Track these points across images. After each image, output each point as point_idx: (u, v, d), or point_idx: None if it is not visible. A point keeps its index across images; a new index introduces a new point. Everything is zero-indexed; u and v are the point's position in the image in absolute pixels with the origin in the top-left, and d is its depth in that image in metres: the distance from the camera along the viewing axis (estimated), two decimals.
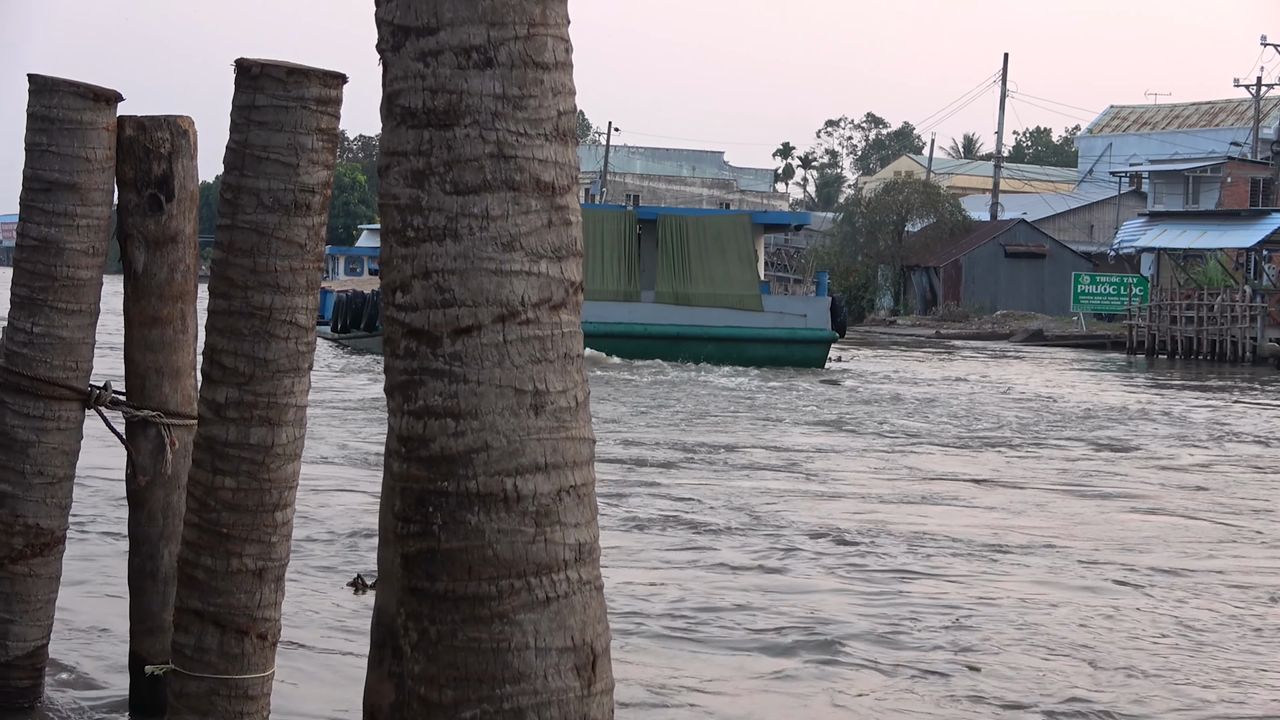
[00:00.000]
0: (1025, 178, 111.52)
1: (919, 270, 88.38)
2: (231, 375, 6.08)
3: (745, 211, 54.39)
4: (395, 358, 3.96)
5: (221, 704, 6.17)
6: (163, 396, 7.69)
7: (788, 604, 12.10)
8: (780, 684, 9.81)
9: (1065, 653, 10.91)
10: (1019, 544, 15.40)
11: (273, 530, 6.18)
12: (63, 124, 7.57)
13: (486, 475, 3.89)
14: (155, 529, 7.72)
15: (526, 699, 3.90)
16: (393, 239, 3.96)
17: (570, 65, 4.03)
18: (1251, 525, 17.56)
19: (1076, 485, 20.59)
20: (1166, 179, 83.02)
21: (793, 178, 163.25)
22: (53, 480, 7.69)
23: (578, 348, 4.01)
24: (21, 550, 7.67)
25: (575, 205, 4.03)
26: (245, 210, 6.09)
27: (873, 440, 25.57)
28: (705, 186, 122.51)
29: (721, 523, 16.07)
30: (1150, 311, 62.58)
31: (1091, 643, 11.21)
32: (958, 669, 10.28)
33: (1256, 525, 17.59)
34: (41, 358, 7.59)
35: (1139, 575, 14.02)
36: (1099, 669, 10.46)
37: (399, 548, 3.98)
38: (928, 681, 9.96)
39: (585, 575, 3.99)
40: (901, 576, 13.45)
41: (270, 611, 6.23)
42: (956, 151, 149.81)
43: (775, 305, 47.63)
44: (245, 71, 6.11)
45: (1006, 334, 73.78)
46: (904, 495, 18.89)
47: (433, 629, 3.92)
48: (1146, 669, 10.51)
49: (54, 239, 7.58)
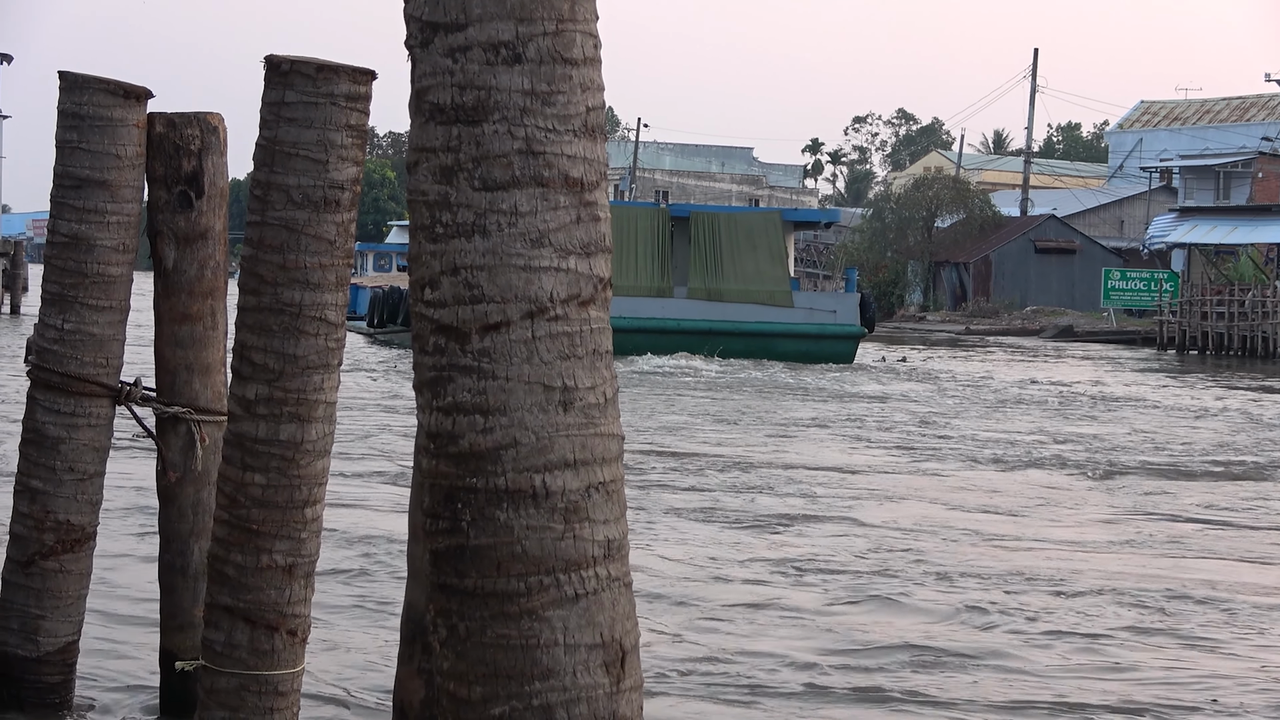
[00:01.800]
0: (1055, 173, 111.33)
1: (949, 266, 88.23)
2: (261, 371, 6.09)
3: (776, 209, 54.72)
4: (424, 354, 3.96)
5: (252, 700, 6.18)
6: (193, 393, 7.70)
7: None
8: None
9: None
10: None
11: (302, 526, 6.19)
12: (93, 121, 7.59)
13: (515, 472, 3.88)
14: (185, 525, 7.74)
15: (555, 695, 3.90)
16: (421, 235, 3.96)
17: (599, 61, 4.02)
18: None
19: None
20: (1197, 174, 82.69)
21: (822, 174, 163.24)
22: (83, 476, 7.71)
23: (606, 344, 4.00)
24: (53, 546, 7.69)
25: (604, 201, 4.02)
26: (275, 207, 6.09)
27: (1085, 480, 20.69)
28: (734, 183, 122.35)
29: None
30: (1181, 307, 62.37)
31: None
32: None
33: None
34: (72, 354, 7.61)
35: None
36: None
37: (428, 544, 3.98)
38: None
39: (614, 572, 3.99)
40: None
41: (300, 608, 6.24)
42: (986, 147, 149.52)
43: (805, 301, 48.28)
44: (275, 68, 6.11)
45: (1036, 330, 73.60)
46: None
47: (462, 625, 3.92)
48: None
49: (84, 236, 7.60)
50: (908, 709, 9.16)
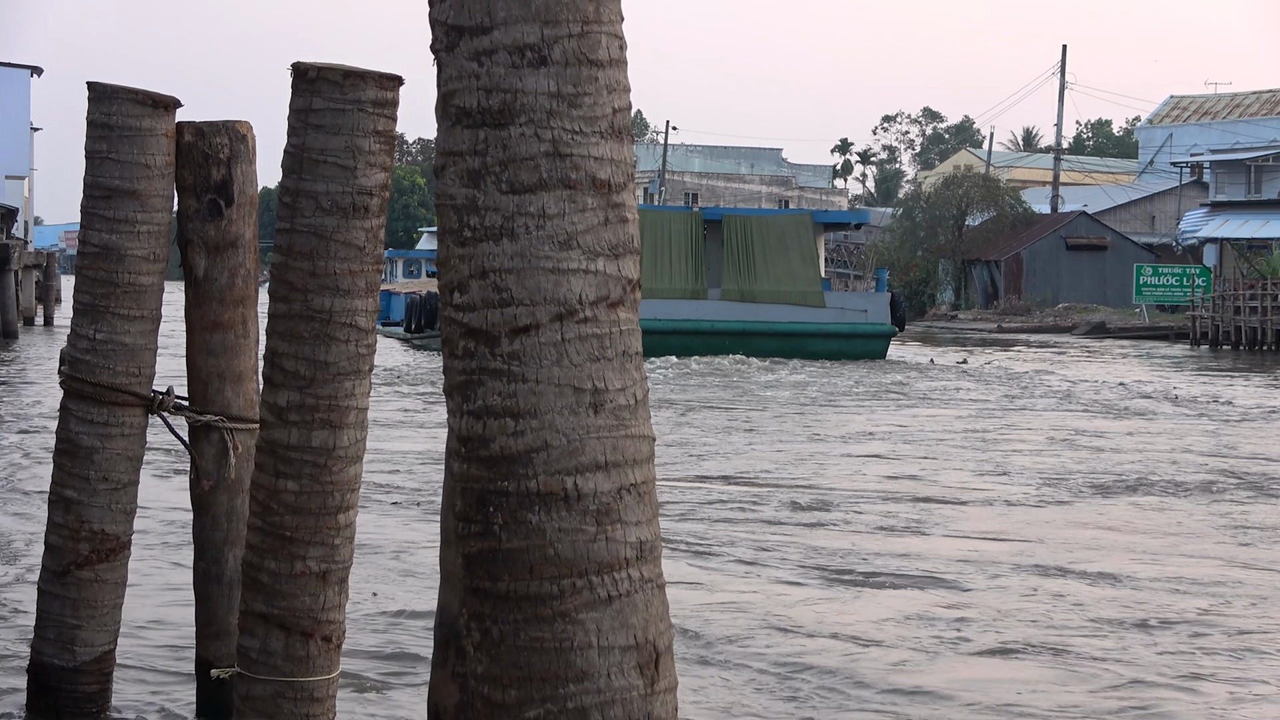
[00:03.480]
0: (1085, 170, 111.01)
1: (980, 264, 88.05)
2: (292, 379, 6.10)
3: (807, 211, 55.21)
4: (454, 358, 3.96)
5: (287, 706, 6.18)
6: (225, 401, 7.71)
7: None
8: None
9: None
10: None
11: (335, 533, 6.19)
12: (122, 131, 7.60)
13: (547, 474, 3.88)
14: (219, 533, 7.75)
15: (590, 698, 3.89)
16: (450, 239, 3.96)
17: (624, 62, 4.01)
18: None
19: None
20: (1228, 168, 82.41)
21: (851, 174, 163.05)
22: (117, 486, 7.72)
23: (636, 345, 3.99)
24: (87, 556, 7.71)
25: (631, 202, 4.01)
26: (304, 214, 6.10)
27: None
28: (764, 184, 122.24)
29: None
30: (1213, 302, 62.13)
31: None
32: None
33: None
34: (104, 364, 7.63)
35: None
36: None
37: (460, 548, 3.98)
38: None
39: (647, 573, 3.98)
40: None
41: (334, 614, 6.24)
42: (1016, 144, 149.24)
43: (836, 301, 49.26)
44: (302, 75, 6.12)
45: (1069, 327, 73.38)
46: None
47: (495, 629, 3.92)
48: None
49: (115, 245, 7.62)
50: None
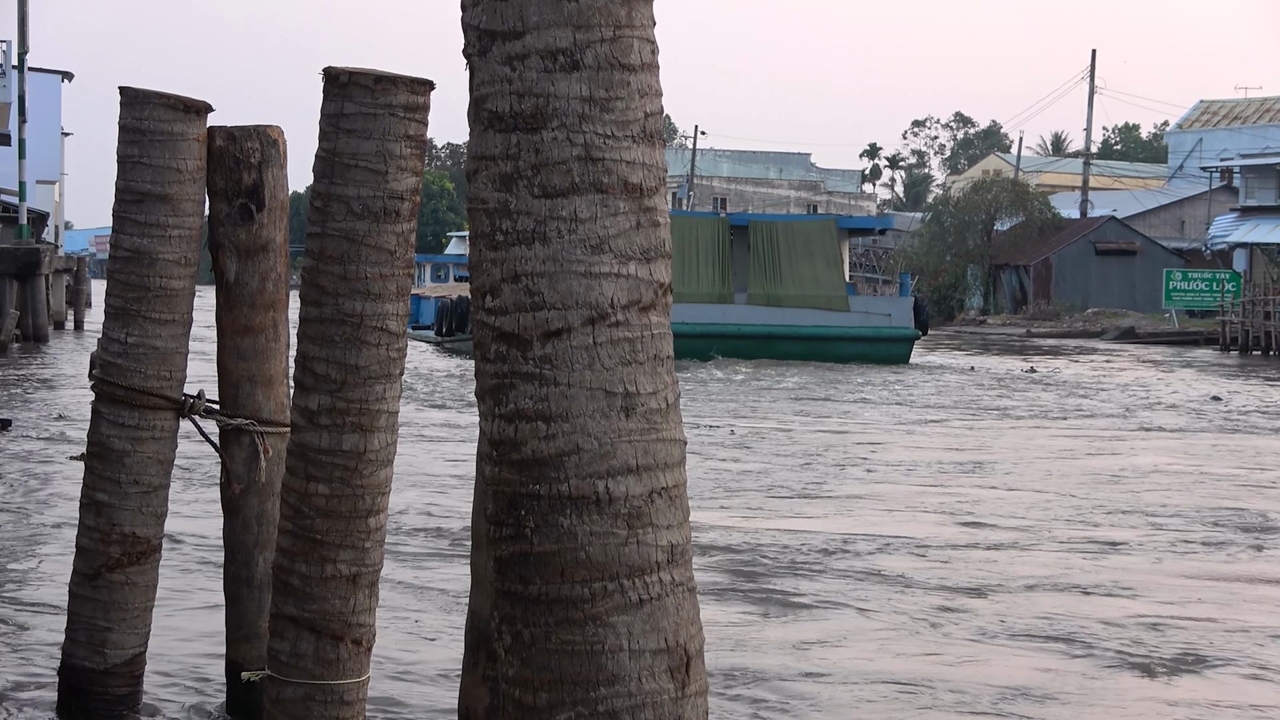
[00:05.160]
0: (1115, 174, 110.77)
1: (1008, 269, 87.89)
2: (324, 382, 6.11)
3: (832, 216, 55.56)
4: (486, 361, 3.96)
5: (318, 709, 6.20)
6: (256, 405, 7.74)
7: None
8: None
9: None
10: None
11: (366, 536, 6.21)
12: (154, 135, 7.63)
13: (578, 478, 3.88)
14: (250, 536, 7.78)
15: (621, 701, 3.89)
16: (482, 243, 3.96)
17: (656, 67, 4.02)
18: None
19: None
20: (1258, 173, 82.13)
21: (880, 178, 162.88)
22: (148, 489, 7.75)
23: (667, 349, 4.00)
24: (118, 559, 7.74)
25: (663, 206, 4.02)
26: (335, 218, 6.12)
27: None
28: (792, 188, 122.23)
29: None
30: (1243, 308, 61.93)
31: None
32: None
33: None
34: (136, 367, 7.66)
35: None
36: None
37: (492, 551, 3.98)
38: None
39: (678, 577, 3.98)
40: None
41: (365, 617, 6.26)
42: (1045, 149, 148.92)
43: (861, 305, 49.80)
44: (333, 80, 6.14)
45: (1098, 332, 73.20)
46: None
47: (526, 632, 3.92)
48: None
49: (147, 250, 7.65)
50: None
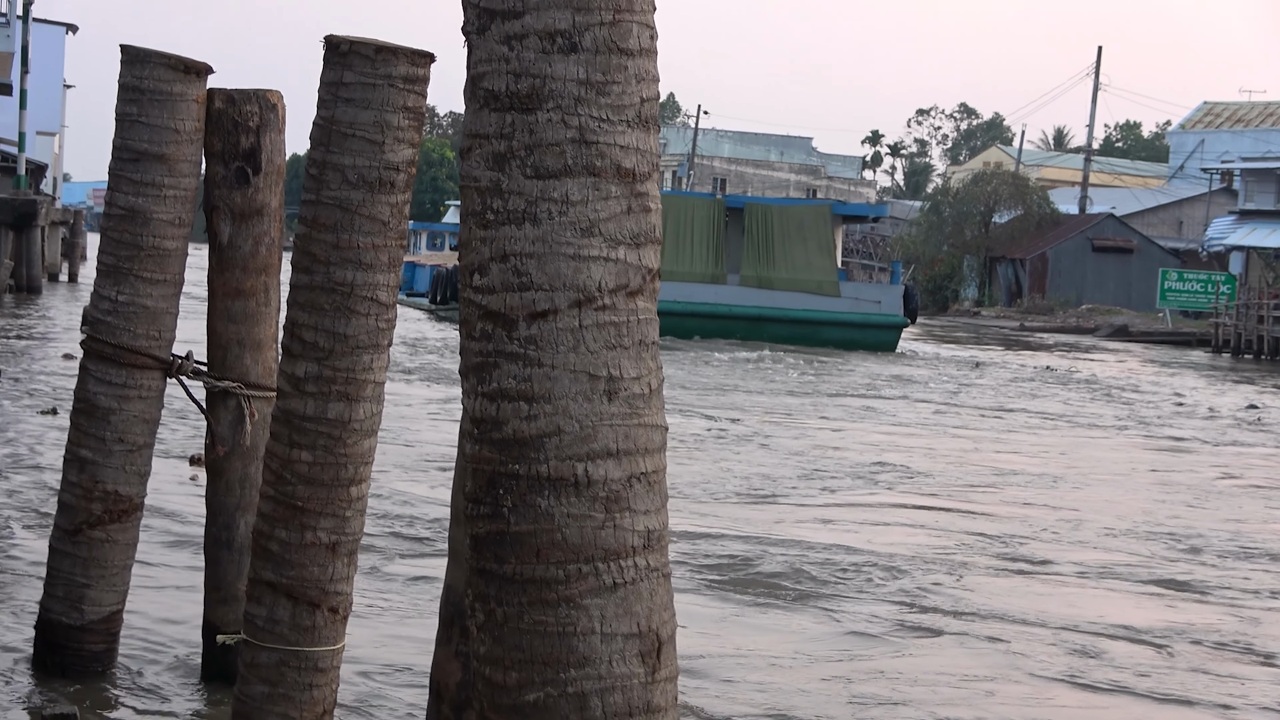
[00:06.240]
0: (1115, 172, 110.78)
1: (1005, 262, 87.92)
2: (311, 350, 6.12)
3: (827, 202, 55.90)
4: (471, 339, 3.97)
5: (291, 675, 6.21)
6: (244, 368, 7.75)
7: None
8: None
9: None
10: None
11: (347, 505, 6.22)
12: (153, 95, 7.64)
13: (558, 459, 3.89)
14: (232, 499, 7.79)
15: (590, 684, 3.90)
16: (472, 221, 3.97)
17: (654, 52, 4.02)
18: None
19: None
20: (1259, 177, 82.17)
21: (880, 166, 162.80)
22: (133, 448, 7.77)
23: (653, 334, 4.00)
24: (100, 516, 7.76)
25: (655, 192, 4.02)
26: (330, 186, 6.12)
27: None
28: (792, 172, 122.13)
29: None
30: (1237, 310, 61.98)
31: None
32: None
33: None
34: (125, 326, 7.67)
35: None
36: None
37: (468, 529, 3.99)
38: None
39: (653, 562, 3.99)
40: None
41: (342, 585, 6.27)
42: (1046, 144, 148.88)
43: (851, 291, 50.32)
44: (334, 48, 6.13)
45: (1092, 328, 73.25)
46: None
47: (499, 611, 3.93)
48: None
49: (141, 209, 7.66)
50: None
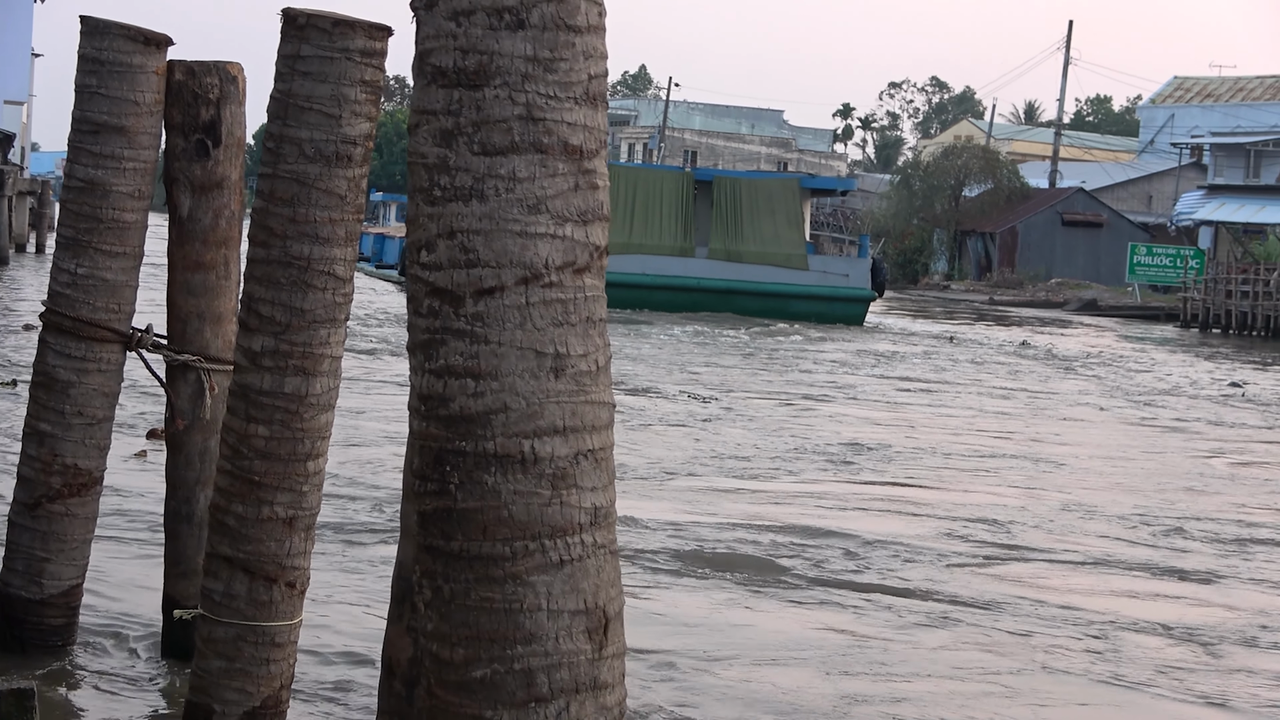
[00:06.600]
0: (1085, 146, 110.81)
1: (975, 236, 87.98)
2: (268, 324, 6.10)
3: (795, 176, 55.96)
4: (418, 316, 3.97)
5: (248, 650, 6.21)
6: (204, 341, 7.73)
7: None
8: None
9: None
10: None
11: (304, 479, 6.21)
12: (112, 67, 7.60)
13: (504, 436, 3.89)
14: (192, 473, 7.78)
15: (537, 660, 3.91)
16: (419, 197, 3.96)
17: (602, 29, 4.01)
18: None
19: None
20: (1228, 152, 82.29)
21: (851, 139, 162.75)
22: (92, 421, 7.75)
23: (600, 312, 4.01)
24: (59, 490, 7.73)
25: (603, 170, 4.02)
26: (287, 160, 6.10)
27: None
28: (763, 145, 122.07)
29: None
30: (1205, 285, 62.14)
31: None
32: None
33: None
34: (84, 299, 7.65)
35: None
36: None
37: (415, 505, 4.00)
38: None
39: (600, 539, 4.00)
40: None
41: (299, 560, 6.26)
42: (1017, 117, 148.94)
43: (819, 265, 50.55)
44: (291, 21, 6.11)
45: (1060, 302, 73.37)
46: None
47: (447, 587, 3.94)
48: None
49: (100, 181, 7.63)
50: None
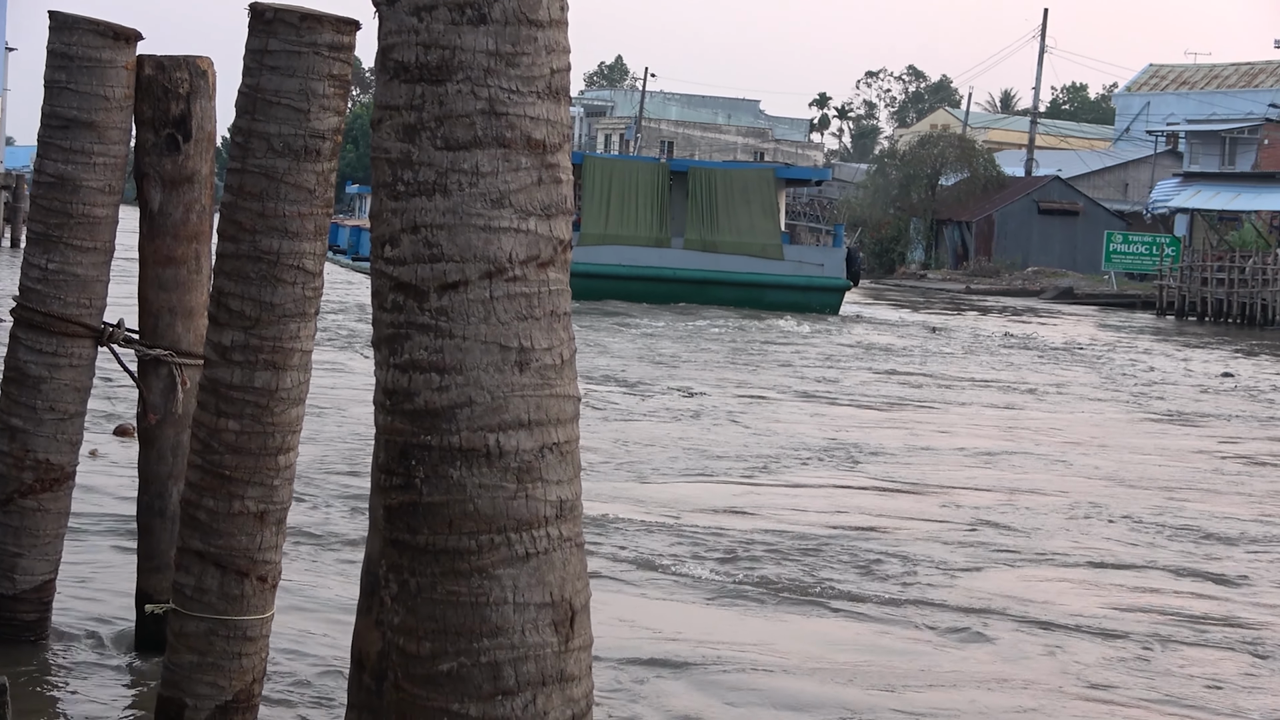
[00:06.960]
0: (1061, 134, 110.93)
1: (951, 225, 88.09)
2: (238, 319, 6.11)
3: (770, 166, 56.18)
4: (382, 311, 3.98)
5: (220, 644, 6.22)
6: (175, 336, 7.73)
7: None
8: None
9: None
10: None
11: (275, 474, 6.22)
12: (82, 62, 7.60)
13: (469, 430, 3.91)
14: (164, 468, 7.78)
15: (504, 653, 3.93)
16: (383, 192, 3.97)
17: (565, 23, 4.02)
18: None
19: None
20: (1203, 139, 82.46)
21: (828, 128, 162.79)
22: (64, 416, 7.74)
23: (565, 305, 4.02)
24: (31, 485, 7.73)
25: (566, 164, 4.03)
26: (255, 154, 6.10)
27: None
28: (740, 135, 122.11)
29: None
30: (1181, 272, 62.29)
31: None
32: None
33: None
34: (55, 294, 7.64)
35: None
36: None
37: (381, 499, 4.01)
38: None
39: (566, 532, 4.01)
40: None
41: (271, 554, 6.27)
42: (993, 106, 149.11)
43: (795, 254, 50.81)
44: (259, 15, 6.11)
45: (1037, 291, 73.54)
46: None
47: (413, 581, 3.95)
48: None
49: (70, 176, 7.63)
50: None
